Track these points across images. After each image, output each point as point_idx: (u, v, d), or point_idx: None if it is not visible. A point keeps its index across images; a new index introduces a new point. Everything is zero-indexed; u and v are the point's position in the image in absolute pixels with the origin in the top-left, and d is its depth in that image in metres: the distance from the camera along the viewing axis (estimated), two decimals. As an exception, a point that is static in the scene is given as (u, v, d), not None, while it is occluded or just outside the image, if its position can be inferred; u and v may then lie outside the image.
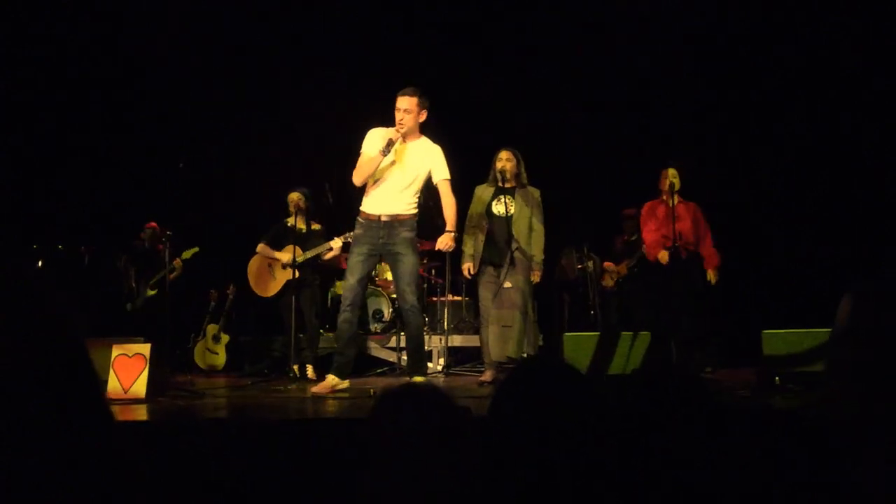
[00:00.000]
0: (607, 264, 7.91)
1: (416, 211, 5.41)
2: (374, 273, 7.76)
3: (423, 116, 5.25)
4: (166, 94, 8.24)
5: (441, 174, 5.36)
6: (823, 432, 1.19)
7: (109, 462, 0.72)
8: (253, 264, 7.14)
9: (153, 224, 8.05)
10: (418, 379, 5.19)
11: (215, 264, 8.19)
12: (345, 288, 5.31)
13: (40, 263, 6.70)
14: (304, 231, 6.85)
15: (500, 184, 6.09)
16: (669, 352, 5.95)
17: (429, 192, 7.11)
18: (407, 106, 5.12)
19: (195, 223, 7.34)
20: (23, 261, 0.73)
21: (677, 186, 6.46)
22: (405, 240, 5.24)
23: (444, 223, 5.43)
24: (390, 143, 5.09)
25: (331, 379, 5.20)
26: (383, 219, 5.23)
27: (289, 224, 6.80)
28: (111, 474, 0.71)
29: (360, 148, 5.30)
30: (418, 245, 5.58)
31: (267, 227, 7.18)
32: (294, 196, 6.86)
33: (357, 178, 5.24)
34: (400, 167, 5.25)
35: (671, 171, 6.49)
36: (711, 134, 8.26)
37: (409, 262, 5.24)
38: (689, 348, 6.20)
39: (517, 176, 6.11)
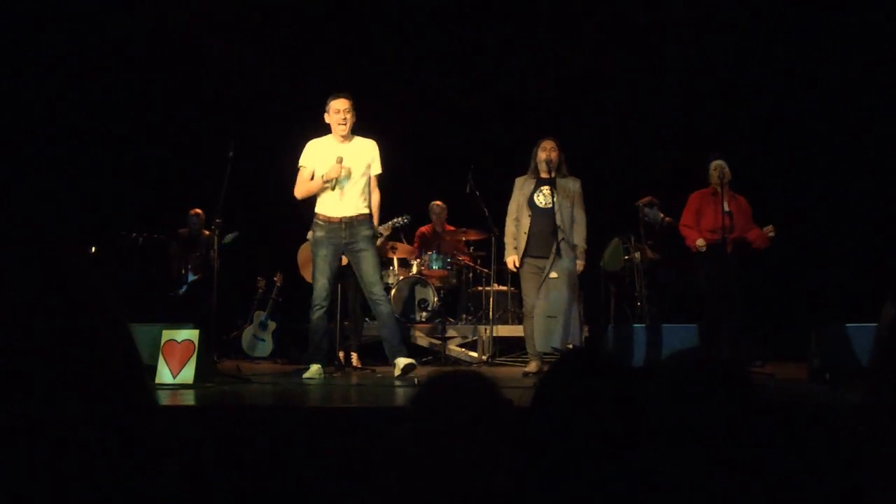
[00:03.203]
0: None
1: (370, 209, 5.63)
2: (420, 263, 7.79)
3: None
4: (214, 84, 8.34)
5: (377, 169, 5.62)
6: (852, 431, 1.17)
7: (152, 445, 0.73)
8: (303, 251, 7.21)
9: (198, 210, 8.17)
10: (404, 360, 5.32)
11: (263, 252, 8.28)
12: (317, 288, 5.48)
13: (94, 249, 6.82)
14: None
15: (547, 174, 6.05)
16: (717, 344, 5.84)
17: (475, 181, 7.12)
18: (348, 107, 5.44)
19: (243, 211, 7.41)
20: (62, 243, 0.74)
21: (728, 178, 6.20)
22: (366, 237, 5.50)
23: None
24: (337, 181, 5.38)
25: (317, 368, 5.44)
26: (344, 220, 5.46)
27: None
28: (153, 457, 0.73)
29: (297, 160, 5.58)
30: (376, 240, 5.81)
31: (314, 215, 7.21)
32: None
33: (299, 194, 5.55)
34: (351, 171, 5.47)
35: (720, 163, 6.19)
36: (757, 127, 8.11)
37: (372, 256, 5.51)
38: (737, 340, 6.06)
39: (558, 166, 6.08)
